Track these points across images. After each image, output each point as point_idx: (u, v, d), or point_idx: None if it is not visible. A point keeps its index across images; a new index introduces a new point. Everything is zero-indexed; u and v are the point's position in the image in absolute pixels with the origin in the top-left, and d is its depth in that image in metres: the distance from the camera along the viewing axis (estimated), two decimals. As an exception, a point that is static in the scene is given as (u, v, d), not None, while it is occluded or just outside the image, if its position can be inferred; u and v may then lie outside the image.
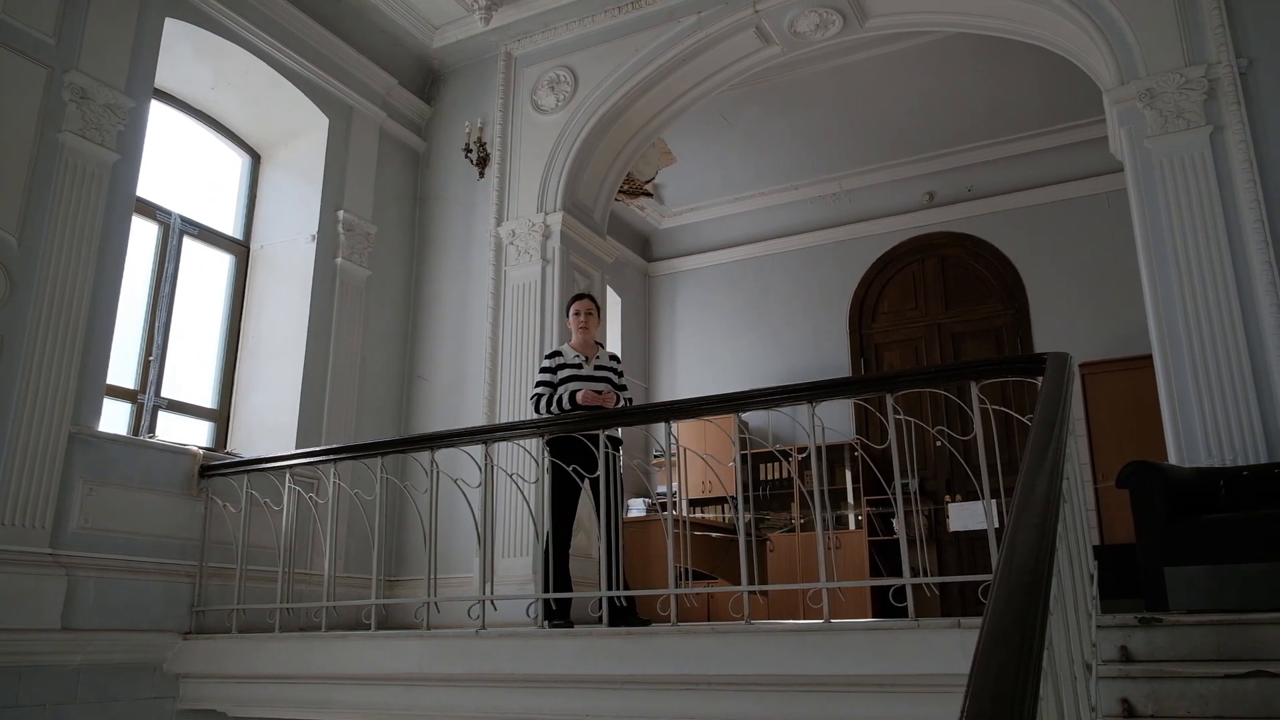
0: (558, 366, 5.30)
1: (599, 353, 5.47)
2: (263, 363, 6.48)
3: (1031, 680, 1.32)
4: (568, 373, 5.26)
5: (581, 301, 5.53)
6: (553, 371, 5.30)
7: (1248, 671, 2.86)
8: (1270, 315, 4.82)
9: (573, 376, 5.25)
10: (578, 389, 5.14)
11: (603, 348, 5.57)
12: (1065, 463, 2.38)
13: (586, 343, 5.46)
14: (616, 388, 5.38)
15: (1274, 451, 4.68)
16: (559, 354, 5.40)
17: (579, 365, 5.31)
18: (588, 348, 5.45)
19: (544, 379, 5.31)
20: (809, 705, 3.67)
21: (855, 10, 6.53)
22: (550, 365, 5.33)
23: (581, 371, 5.29)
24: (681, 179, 10.36)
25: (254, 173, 6.99)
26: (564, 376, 5.25)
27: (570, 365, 5.30)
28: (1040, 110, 8.99)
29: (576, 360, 5.33)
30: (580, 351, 5.40)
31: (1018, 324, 9.43)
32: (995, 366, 4.30)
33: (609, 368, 5.42)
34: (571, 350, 5.40)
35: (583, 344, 5.45)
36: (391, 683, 4.60)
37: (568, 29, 7.22)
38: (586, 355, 5.39)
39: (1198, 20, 5.36)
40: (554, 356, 5.39)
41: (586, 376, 5.28)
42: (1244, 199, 5.02)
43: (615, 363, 5.50)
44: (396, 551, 6.65)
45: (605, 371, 5.38)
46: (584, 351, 5.41)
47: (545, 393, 5.24)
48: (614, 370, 5.44)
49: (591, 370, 5.32)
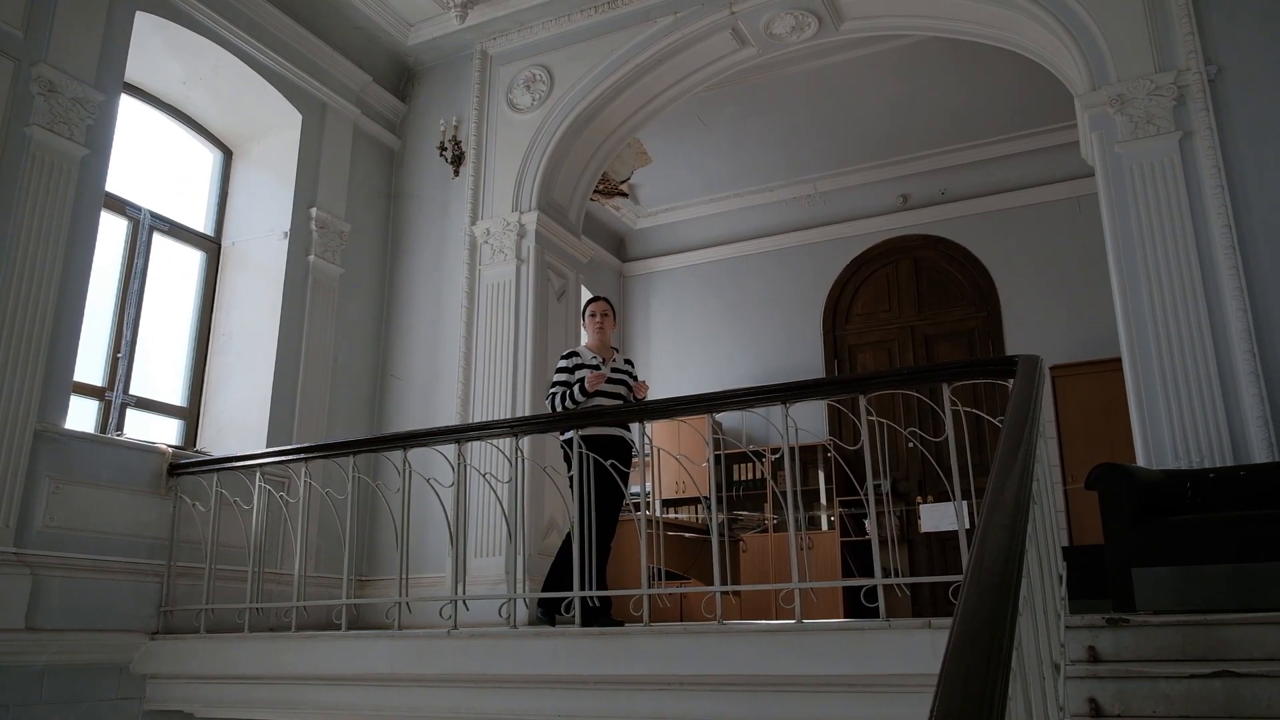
0: (575, 366, 5.28)
1: (615, 356, 5.46)
2: (233, 360, 6.42)
3: (1000, 680, 1.32)
4: (585, 373, 5.23)
5: (598, 303, 5.52)
6: (570, 371, 5.27)
7: (1213, 672, 2.89)
8: (1237, 320, 4.89)
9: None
10: (584, 375, 5.15)
11: (618, 351, 5.56)
12: (1035, 464, 2.40)
13: (603, 345, 5.46)
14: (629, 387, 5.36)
15: (1240, 454, 4.75)
16: (576, 354, 5.38)
17: (596, 366, 5.29)
18: (604, 350, 5.44)
19: (561, 379, 5.28)
20: (781, 705, 3.68)
21: (830, 13, 6.56)
22: (568, 365, 5.31)
23: (598, 372, 5.26)
24: (657, 179, 10.36)
25: (226, 169, 6.93)
26: (581, 376, 5.22)
27: (588, 366, 5.28)
28: (1013, 114, 9.07)
29: (594, 361, 5.32)
30: (597, 353, 5.39)
31: (990, 327, 9.51)
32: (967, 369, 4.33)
33: (625, 370, 5.41)
34: (589, 351, 5.40)
35: (599, 346, 5.45)
36: (362, 683, 4.57)
37: (544, 28, 7.20)
38: (603, 357, 5.38)
39: (1168, 27, 5.43)
40: (571, 356, 5.37)
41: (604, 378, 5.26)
42: (1212, 205, 5.09)
43: (630, 365, 5.50)
44: (368, 551, 6.61)
45: (621, 374, 5.36)
46: (600, 353, 5.40)
47: (561, 391, 5.22)
48: (629, 374, 5.42)
49: (609, 372, 5.30)
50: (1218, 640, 3.15)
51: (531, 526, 6.14)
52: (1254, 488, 4.22)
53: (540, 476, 5.95)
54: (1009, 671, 1.38)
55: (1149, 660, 3.16)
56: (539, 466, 5.80)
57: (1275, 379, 4.80)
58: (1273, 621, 3.16)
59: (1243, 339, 4.85)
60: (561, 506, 6.22)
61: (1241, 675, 2.86)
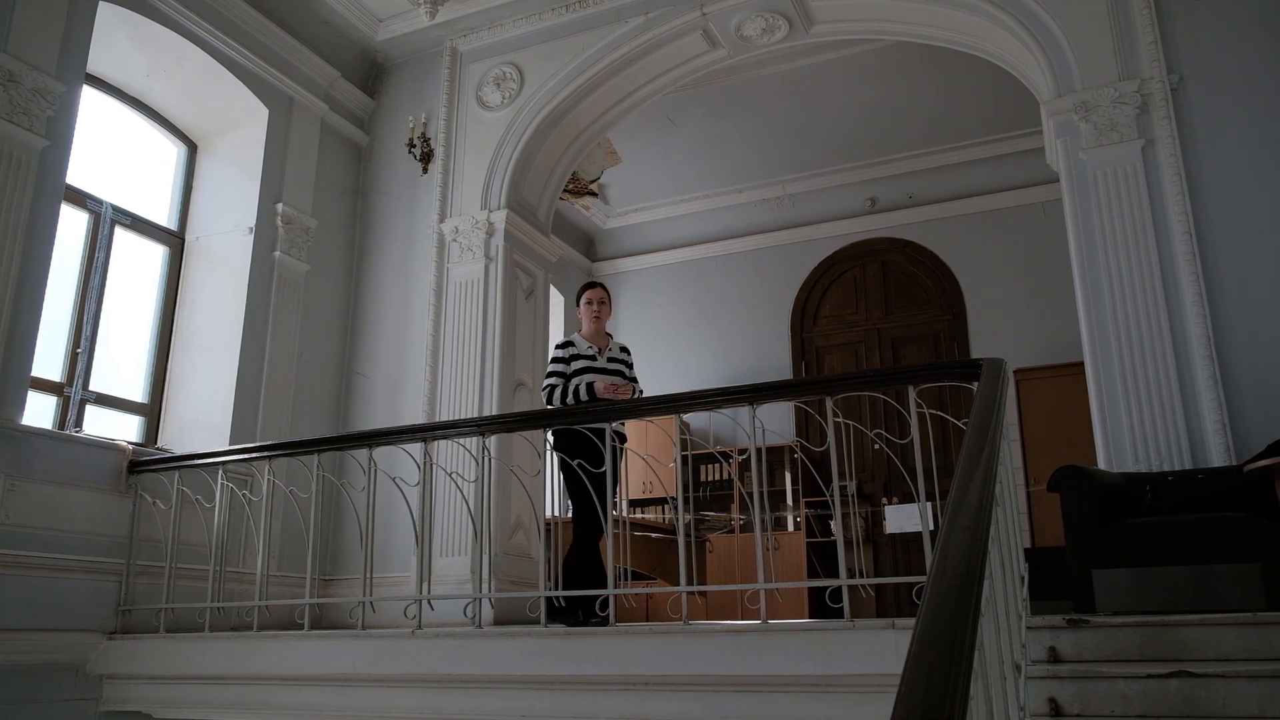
0: (570, 357, 5.16)
1: (610, 344, 5.32)
2: (196, 357, 6.34)
3: (962, 681, 1.33)
4: (581, 364, 5.12)
5: (594, 290, 5.38)
6: (565, 362, 5.15)
7: (1169, 672, 2.94)
8: (1197, 325, 4.97)
9: (587, 368, 5.11)
10: (593, 380, 5.01)
11: (613, 338, 5.43)
12: (998, 467, 2.43)
13: (598, 333, 5.31)
14: (628, 379, 5.24)
15: (1198, 457, 4.83)
16: (571, 344, 5.24)
17: (592, 356, 5.17)
18: (599, 338, 5.30)
19: (556, 369, 5.15)
20: (746, 705, 3.69)
21: (801, 16, 6.59)
22: (562, 355, 5.18)
23: (595, 363, 5.15)
24: (627, 179, 10.36)
25: (190, 163, 6.83)
26: (577, 368, 5.11)
27: (584, 356, 5.16)
28: (981, 120, 9.16)
29: (590, 351, 5.19)
30: (592, 342, 5.25)
31: (955, 330, 9.60)
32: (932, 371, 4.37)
33: (621, 360, 5.28)
34: (584, 340, 5.25)
35: (594, 334, 5.30)
36: (325, 683, 4.53)
37: (514, 26, 7.18)
38: (599, 346, 5.25)
39: (1132, 36, 5.51)
40: (566, 346, 5.23)
41: (600, 369, 5.13)
42: (1173, 212, 5.17)
43: (626, 354, 5.37)
44: (332, 550, 6.55)
45: (618, 364, 5.24)
46: (596, 342, 5.27)
47: (558, 384, 5.08)
48: (625, 362, 5.30)
49: (605, 362, 5.18)
50: (1175, 641, 3.20)
51: (498, 526, 6.12)
52: (1211, 491, 4.29)
53: (507, 476, 5.92)
54: (971, 672, 1.39)
55: (1108, 660, 3.21)
56: (506, 466, 5.77)
57: (1232, 384, 4.88)
58: (1228, 622, 3.22)
59: (1202, 345, 4.94)
60: (528, 506, 6.20)
61: (1198, 675, 2.90)
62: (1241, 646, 3.13)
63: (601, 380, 5.00)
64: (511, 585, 6.15)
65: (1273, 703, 2.80)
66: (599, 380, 5.00)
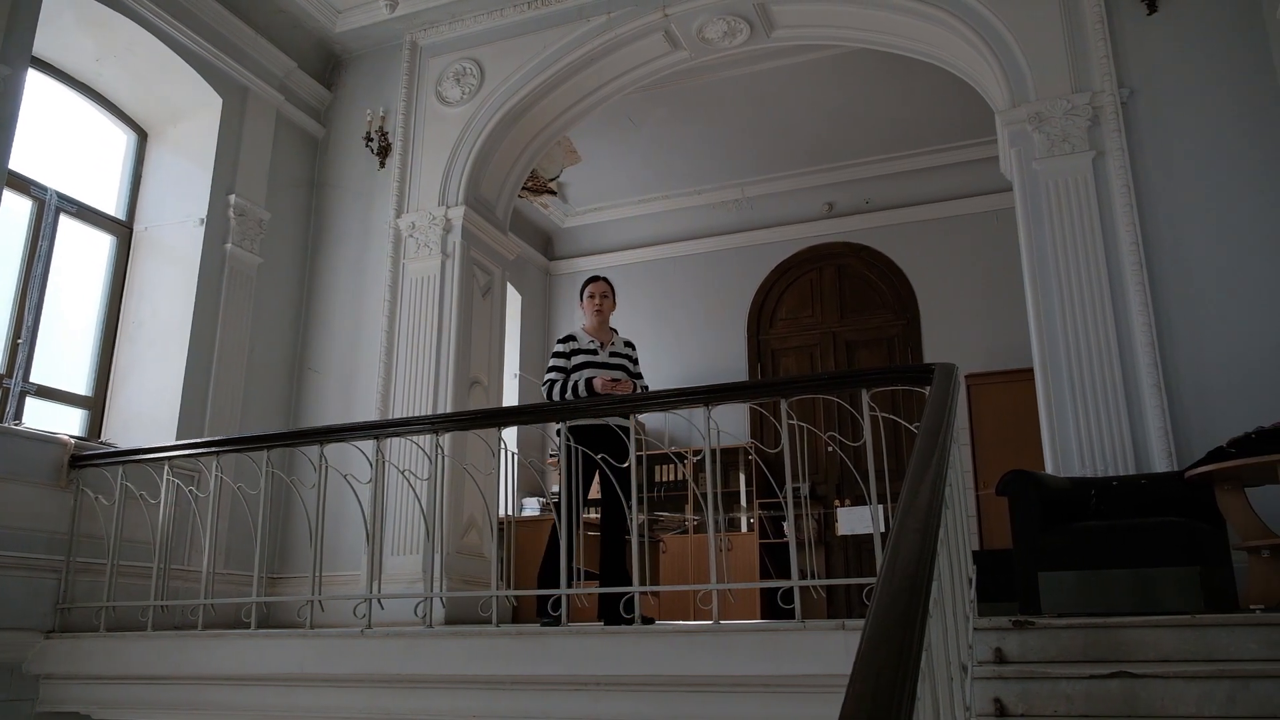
0: (571, 352, 5.10)
1: (614, 338, 5.25)
2: (143, 349, 6.21)
3: (909, 681, 1.35)
4: (582, 359, 5.05)
5: (597, 284, 5.31)
6: (566, 357, 5.09)
7: (1110, 672, 2.99)
8: (1143, 334, 5.08)
9: (588, 364, 5.04)
10: (593, 376, 4.94)
11: (617, 333, 5.34)
12: (949, 470, 2.45)
13: (601, 327, 5.24)
14: (632, 375, 5.17)
15: (1142, 463, 4.93)
16: (573, 339, 5.17)
17: (594, 351, 5.10)
18: (602, 332, 5.23)
19: (557, 364, 5.08)
20: (697, 705, 3.70)
21: (762, 20, 6.63)
22: (564, 350, 5.11)
23: (597, 358, 5.08)
24: (586, 178, 10.34)
25: (140, 151, 6.69)
26: (578, 363, 5.04)
27: (585, 351, 5.09)
28: (938, 128, 9.27)
29: (591, 346, 5.12)
30: (595, 336, 5.19)
31: (909, 334, 9.70)
32: (886, 375, 4.42)
33: (624, 354, 5.20)
34: (586, 335, 5.19)
35: (597, 328, 5.23)
36: (271, 683, 4.46)
37: (475, 21, 7.13)
38: (602, 341, 5.18)
39: (1085, 50, 5.61)
40: (568, 341, 5.16)
41: (602, 364, 5.06)
42: (1121, 222, 5.28)
43: (630, 349, 5.29)
44: (281, 548, 6.46)
45: (620, 359, 5.16)
46: (598, 336, 5.20)
47: (558, 379, 5.02)
48: (629, 357, 5.22)
49: (607, 357, 5.11)
50: (1116, 642, 3.26)
51: (450, 525, 6.08)
52: (1153, 496, 4.38)
53: (461, 474, 5.88)
54: (918, 672, 1.40)
55: (1052, 661, 3.26)
56: (459, 464, 5.73)
57: (1175, 392, 5.00)
58: (1167, 624, 3.29)
59: (1147, 353, 5.05)
60: (481, 505, 6.17)
61: (1137, 676, 2.96)
62: (1180, 648, 3.20)
63: (601, 376, 4.93)
64: (464, 585, 6.11)
65: (1209, 702, 2.87)
66: (598, 376, 4.94)
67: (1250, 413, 4.52)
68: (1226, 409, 4.83)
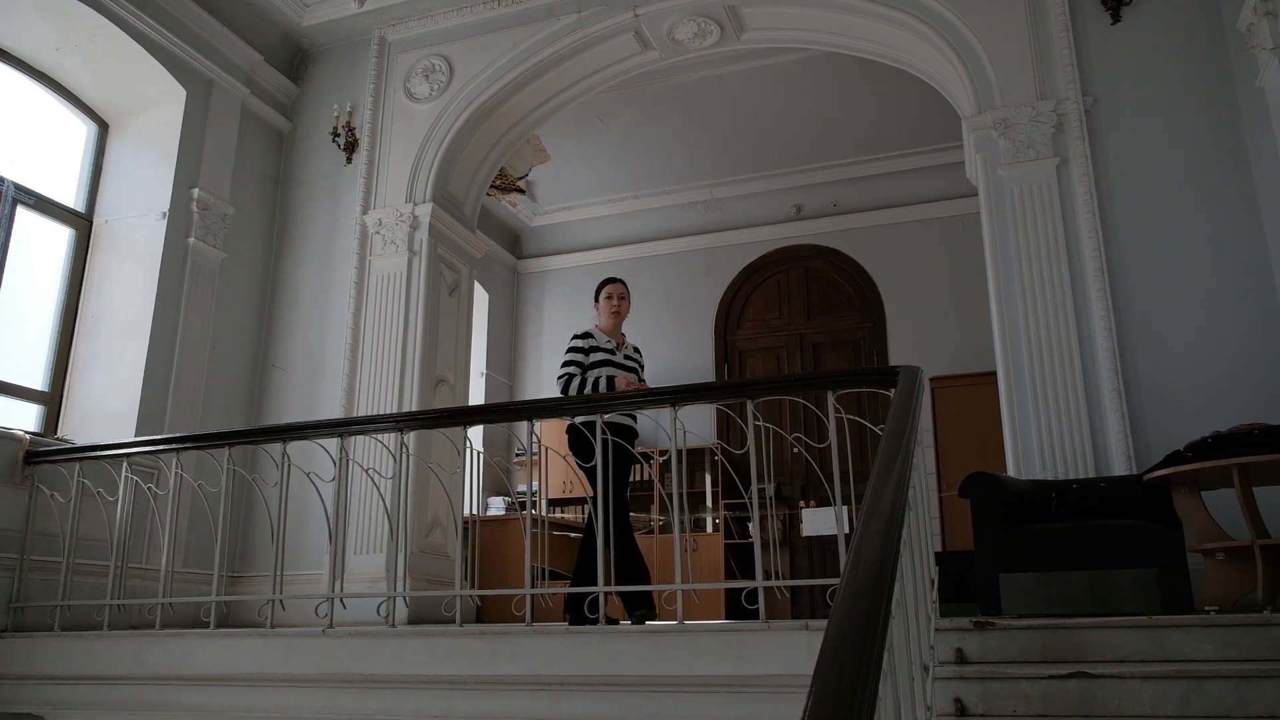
0: (590, 349, 5.09)
1: (625, 341, 5.27)
2: (102, 344, 6.11)
3: (871, 682, 1.35)
4: (600, 356, 5.05)
5: (615, 285, 5.31)
6: (584, 353, 5.08)
7: (1069, 673, 3.03)
8: (1104, 339, 5.15)
9: (606, 361, 5.04)
10: (613, 374, 4.96)
11: (626, 337, 5.36)
12: (912, 472, 2.47)
13: (617, 329, 5.26)
14: (640, 380, 5.19)
15: (1101, 466, 5.00)
16: (590, 335, 5.17)
17: (611, 351, 5.10)
18: (617, 334, 5.25)
19: (573, 359, 5.06)
20: (661, 705, 3.70)
21: (733, 22, 6.65)
22: (581, 346, 5.10)
23: (614, 358, 5.08)
24: (555, 177, 10.31)
25: (100, 143, 6.59)
26: (596, 360, 5.03)
27: (603, 349, 5.09)
28: (905, 133, 9.35)
29: (608, 345, 5.13)
30: (610, 336, 5.20)
31: (875, 337, 9.77)
32: (851, 377, 4.44)
33: (636, 359, 5.23)
34: (603, 335, 5.19)
35: (613, 329, 5.24)
36: (231, 683, 4.40)
37: (445, 18, 7.09)
38: (617, 342, 5.19)
39: (1050, 58, 5.68)
40: (585, 338, 5.15)
41: (619, 364, 5.07)
42: (1084, 229, 5.35)
43: (639, 355, 5.31)
44: (242, 546, 6.38)
45: (632, 362, 5.18)
46: (614, 337, 5.21)
47: (575, 374, 5.00)
48: (639, 363, 5.24)
49: (622, 358, 5.11)
50: (1075, 643, 3.31)
51: (415, 524, 6.03)
52: (1112, 498, 4.44)
53: (426, 473, 5.85)
54: (880, 673, 1.41)
55: (1011, 662, 3.29)
56: (425, 463, 5.70)
57: (1135, 396, 5.08)
58: (1124, 625, 3.34)
59: (1108, 357, 5.12)
60: (446, 504, 6.13)
61: (1094, 676, 3.00)
62: (1136, 648, 3.24)
63: (622, 376, 4.95)
64: (428, 584, 6.07)
65: (1164, 702, 2.91)
66: (619, 375, 4.95)
67: (1207, 418, 4.60)
68: (1184, 414, 4.91)
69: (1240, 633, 3.19)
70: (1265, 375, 4.93)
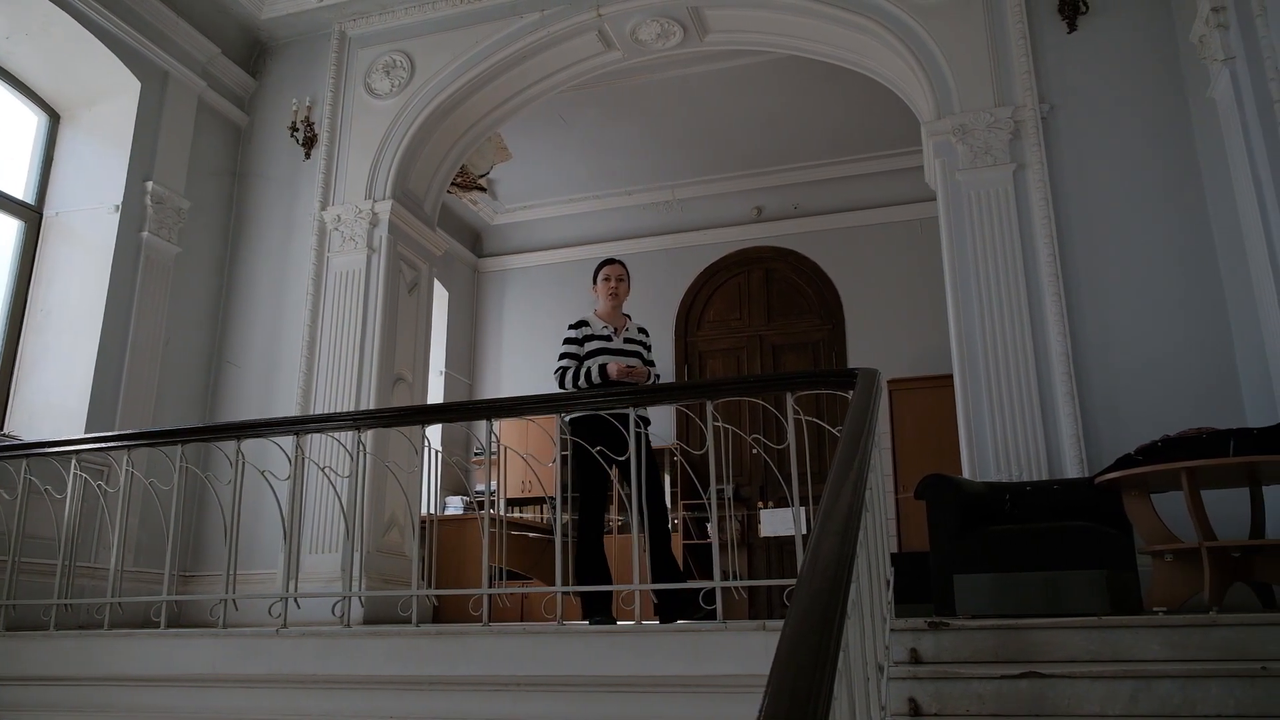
0: (584, 338, 4.90)
1: (628, 324, 5.07)
2: (51, 339, 5.99)
3: (827, 681, 1.36)
4: (596, 345, 4.86)
5: (612, 266, 5.12)
6: (579, 343, 4.90)
7: (1021, 673, 3.07)
8: (1058, 343, 5.24)
9: (601, 350, 4.85)
10: (606, 362, 4.76)
11: (630, 319, 5.15)
12: (869, 474, 2.49)
13: (615, 312, 5.05)
14: (646, 363, 4.98)
15: (1054, 468, 5.08)
16: (585, 324, 4.97)
17: (608, 337, 4.91)
18: (616, 318, 5.04)
19: (569, 350, 4.89)
20: (618, 706, 3.69)
21: (696, 24, 6.66)
22: (576, 336, 4.92)
23: (611, 345, 4.88)
24: (516, 176, 10.27)
25: (52, 133, 6.45)
26: (591, 349, 4.85)
27: (599, 337, 4.90)
28: (866, 136, 9.43)
29: (605, 331, 4.93)
30: (608, 322, 5.00)
31: (834, 339, 9.85)
32: (810, 379, 4.47)
33: (638, 340, 5.02)
34: (599, 320, 5.00)
35: (611, 313, 5.04)
36: (181, 684, 4.33)
37: (406, 13, 7.03)
38: (616, 327, 4.99)
39: (1008, 65, 5.77)
40: (580, 326, 4.96)
41: (616, 350, 4.87)
42: (1040, 234, 5.44)
43: (644, 335, 5.10)
44: (194, 545, 6.28)
45: (635, 345, 4.97)
46: (612, 322, 5.01)
47: (570, 366, 4.82)
48: (643, 344, 5.03)
49: (621, 343, 4.91)
50: (1027, 643, 3.35)
51: (371, 523, 5.98)
52: (1065, 501, 4.51)
53: (383, 472, 5.79)
54: (835, 673, 1.42)
55: (965, 662, 3.33)
56: (381, 461, 5.64)
57: (1088, 400, 5.16)
58: (1075, 626, 3.39)
59: (1062, 362, 5.20)
60: (403, 503, 6.08)
61: (1046, 676, 3.04)
62: (1087, 649, 3.29)
63: (615, 362, 4.76)
64: (384, 584, 6.02)
65: (1113, 701, 2.96)
66: (612, 362, 4.77)
67: (1158, 421, 4.68)
68: (1135, 418, 5.01)
69: (1187, 633, 3.25)
70: (1214, 380, 5.04)
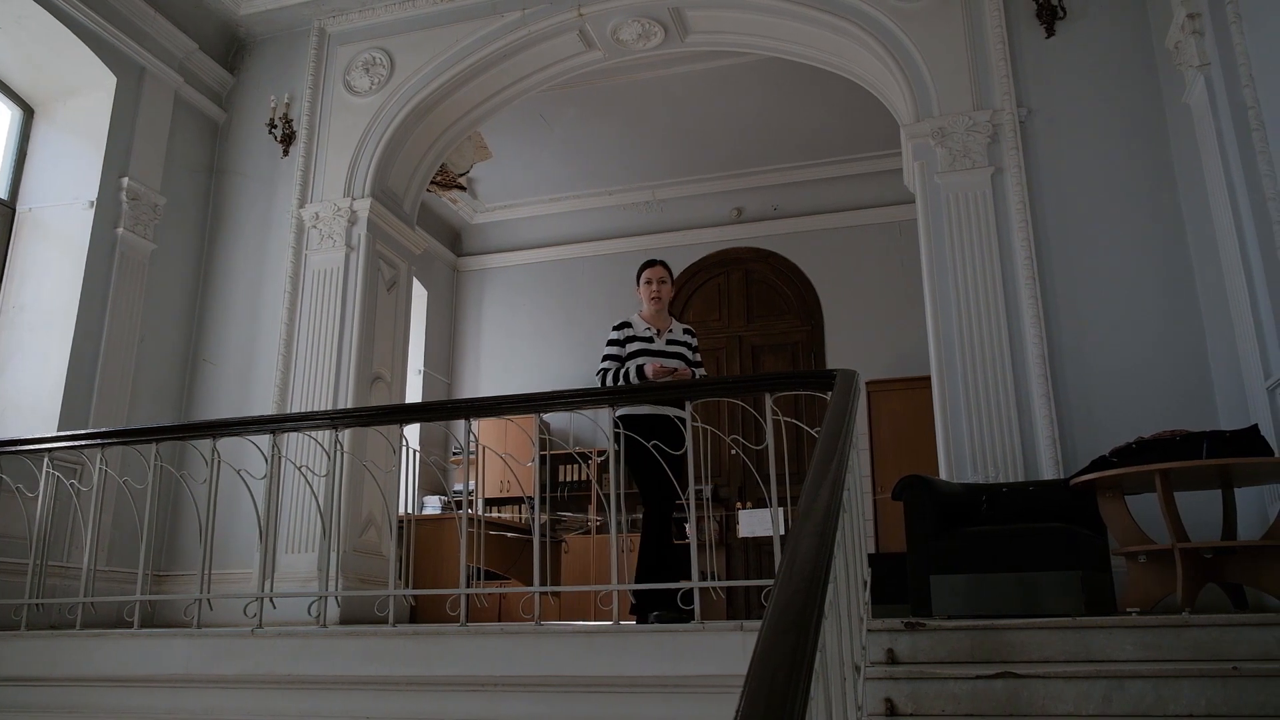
0: (626, 339, 4.87)
1: (671, 325, 5.02)
2: (24, 335, 5.92)
3: (803, 681, 1.36)
4: (637, 346, 4.83)
5: (654, 269, 5.08)
6: (621, 344, 4.86)
7: (996, 673, 3.09)
8: (1034, 345, 5.28)
9: (643, 351, 4.82)
10: (645, 363, 4.73)
11: (675, 320, 5.12)
12: (847, 475, 2.50)
13: (658, 314, 5.01)
14: (691, 364, 4.93)
15: (1030, 470, 5.12)
16: (628, 325, 4.94)
17: (650, 339, 4.87)
18: (659, 319, 5.01)
19: (612, 352, 4.85)
20: (595, 706, 3.69)
21: (677, 25, 6.67)
22: (618, 338, 4.89)
23: (653, 346, 4.85)
24: (496, 175, 10.25)
25: (25, 128, 6.38)
26: (633, 350, 4.83)
27: (640, 338, 4.87)
28: (845, 139, 9.47)
29: (647, 333, 4.90)
30: (651, 323, 4.96)
31: (813, 340, 9.88)
32: (789, 380, 4.47)
33: (683, 342, 4.97)
34: (642, 322, 4.97)
35: (654, 315, 5.00)
36: (155, 685, 4.29)
37: (386, 10, 7.00)
38: (658, 328, 4.95)
39: (987, 69, 5.81)
40: (622, 328, 4.93)
41: (658, 352, 4.83)
42: (1017, 237, 5.48)
43: (690, 336, 5.05)
44: (168, 544, 6.23)
45: (678, 346, 4.92)
46: (655, 324, 4.97)
47: (612, 367, 4.80)
48: (688, 345, 4.99)
49: (664, 345, 4.87)
50: (1002, 644, 3.38)
51: (348, 523, 5.95)
52: (1040, 502, 4.54)
53: (360, 471, 5.76)
54: (812, 673, 1.43)
55: (941, 662, 3.35)
56: (359, 460, 5.62)
57: (1064, 402, 5.21)
58: (1050, 626, 3.42)
59: (1038, 364, 5.24)
60: (381, 502, 6.05)
61: (1020, 676, 3.07)
62: (1061, 649, 3.32)
63: (653, 363, 4.73)
64: (360, 584, 5.99)
65: (1087, 701, 2.99)
66: (649, 363, 4.74)
67: (1132, 424, 4.73)
68: (1110, 419, 5.05)
69: (1159, 634, 3.28)
70: (1188, 383, 5.09)
